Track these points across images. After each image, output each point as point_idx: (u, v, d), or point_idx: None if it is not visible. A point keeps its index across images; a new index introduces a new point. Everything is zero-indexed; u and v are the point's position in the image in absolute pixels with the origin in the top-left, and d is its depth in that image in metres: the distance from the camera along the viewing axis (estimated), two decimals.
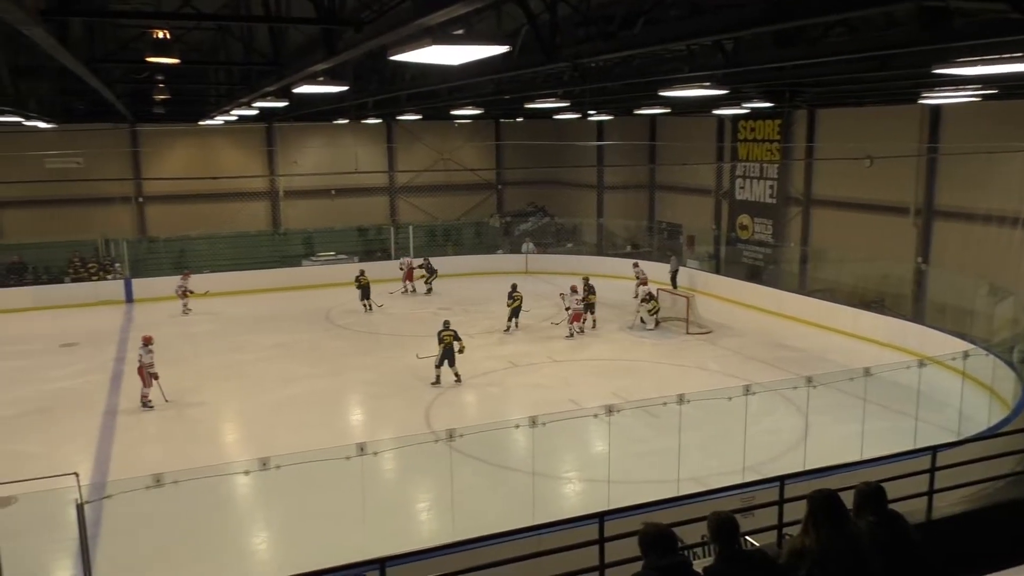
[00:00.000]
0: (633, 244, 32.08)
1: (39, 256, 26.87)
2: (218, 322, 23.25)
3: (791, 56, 10.16)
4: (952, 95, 15.76)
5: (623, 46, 8.85)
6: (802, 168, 25.52)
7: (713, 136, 29.31)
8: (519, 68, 10.74)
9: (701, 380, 16.78)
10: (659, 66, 12.67)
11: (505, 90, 15.76)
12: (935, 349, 15.89)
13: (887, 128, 22.02)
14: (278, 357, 19.36)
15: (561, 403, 14.65)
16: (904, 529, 4.70)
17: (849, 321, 20.44)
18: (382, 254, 30.33)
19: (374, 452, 9.31)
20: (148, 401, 15.64)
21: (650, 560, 4.19)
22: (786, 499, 6.51)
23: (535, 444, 10.81)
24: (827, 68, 12.27)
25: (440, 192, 34.12)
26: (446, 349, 16.59)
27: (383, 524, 10.12)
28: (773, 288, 23.89)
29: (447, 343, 16.62)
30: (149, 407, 15.57)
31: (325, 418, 15.22)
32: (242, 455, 12.84)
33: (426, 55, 5.77)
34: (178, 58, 10.37)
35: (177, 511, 10.05)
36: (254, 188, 31.33)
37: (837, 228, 24.44)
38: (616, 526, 6.10)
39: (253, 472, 9.03)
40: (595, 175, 33.67)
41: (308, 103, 17.72)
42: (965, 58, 8.61)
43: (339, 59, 8.16)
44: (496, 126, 34.70)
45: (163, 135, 29.57)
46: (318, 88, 11.10)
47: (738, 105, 20.51)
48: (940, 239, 21.36)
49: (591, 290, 21.86)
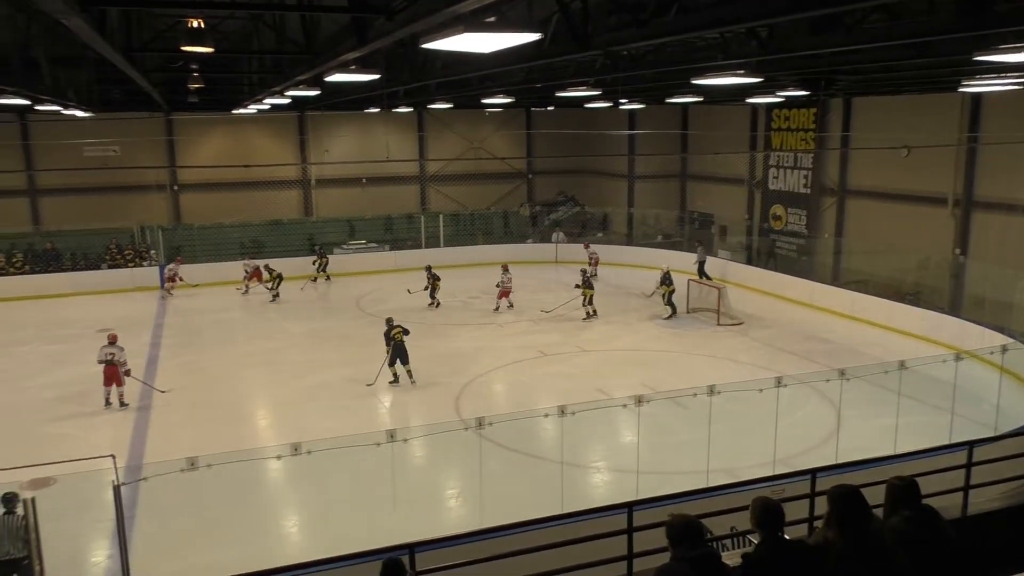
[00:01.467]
0: (664, 234, 31.86)
1: (77, 243, 27.39)
2: (250, 309, 23.55)
3: (827, 43, 9.98)
4: (993, 83, 15.40)
5: (656, 34, 8.76)
6: (837, 157, 25.14)
7: (746, 125, 28.96)
8: (550, 56, 10.68)
9: (732, 372, 16.65)
10: (692, 54, 12.55)
11: (536, 78, 15.69)
12: (972, 343, 15.60)
13: (925, 117, 21.60)
14: (309, 344, 19.56)
15: (590, 393, 14.63)
16: (939, 525, 4.63)
17: (883, 313, 20.12)
18: (412, 243, 30.45)
19: (404, 439, 9.37)
20: (123, 399, 15.17)
21: (678, 551, 4.16)
22: (818, 492, 6.44)
23: (564, 433, 10.81)
24: (864, 55, 12.06)
25: (470, 181, 34.13)
26: (396, 347, 16.15)
27: (412, 510, 10.20)
28: (806, 279, 23.58)
29: (398, 340, 16.18)
30: (125, 405, 15.07)
31: (355, 405, 15.36)
32: (274, 440, 13.01)
33: (458, 43, 5.76)
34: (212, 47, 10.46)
35: (211, 494, 10.22)
36: (286, 176, 31.62)
37: (872, 219, 24.05)
38: (645, 516, 6.09)
39: (285, 457, 9.14)
40: (626, 164, 33.46)
41: (340, 92, 17.79)
42: (1008, 44, 8.41)
43: (370, 47, 8.18)
44: (527, 114, 34.60)
45: (197, 123, 29.93)
46: (349, 76, 11.13)
47: (772, 93, 20.23)
48: (979, 230, 20.92)
49: (589, 284, 21.74)
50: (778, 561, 4.28)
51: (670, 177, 33.21)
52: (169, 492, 9.11)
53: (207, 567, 9.53)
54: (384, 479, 9.37)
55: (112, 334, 15.48)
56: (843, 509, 4.38)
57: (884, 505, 4.73)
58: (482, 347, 19.02)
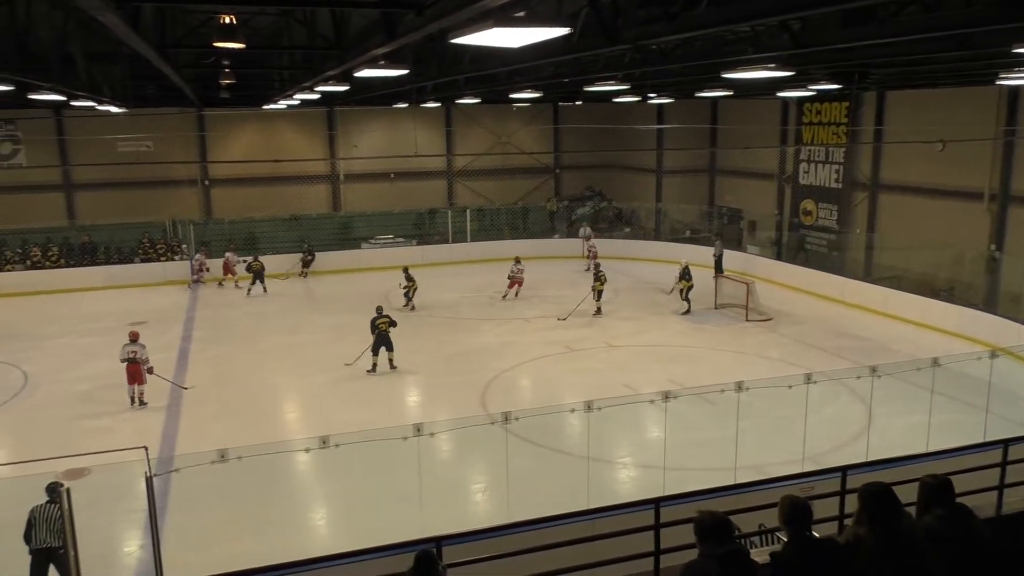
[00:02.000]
0: (692, 229, 31.63)
1: (111, 236, 27.85)
2: (282, 302, 23.79)
3: (861, 36, 9.82)
4: None
5: (686, 27, 8.67)
6: (869, 152, 24.78)
7: (777, 119, 28.63)
8: (579, 51, 10.65)
9: (760, 368, 16.51)
10: (722, 48, 12.40)
11: (564, 73, 15.64)
12: (1008, 340, 15.33)
13: (961, 110, 21.19)
14: (336, 338, 19.70)
15: (617, 388, 14.60)
16: (973, 524, 4.56)
17: (916, 310, 19.83)
18: (439, 238, 30.55)
19: (430, 433, 9.40)
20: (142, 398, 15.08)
21: (706, 548, 4.14)
22: (848, 490, 6.37)
23: (590, 429, 10.79)
24: (899, 48, 11.84)
25: (497, 176, 34.15)
26: (380, 336, 16.67)
27: (439, 504, 10.24)
28: (836, 275, 23.29)
29: (383, 331, 16.71)
30: (144, 404, 15.05)
31: (382, 399, 15.47)
32: (302, 433, 13.14)
33: (487, 38, 5.75)
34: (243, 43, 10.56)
35: (241, 486, 10.33)
36: (315, 171, 31.86)
37: (905, 214, 23.68)
38: (672, 512, 6.07)
39: (313, 450, 9.22)
40: (654, 159, 33.24)
41: (368, 87, 17.87)
42: None
43: (400, 42, 8.20)
44: (554, 109, 34.51)
45: (228, 119, 30.23)
46: (378, 72, 11.17)
47: (804, 87, 19.97)
48: (1016, 225, 20.50)
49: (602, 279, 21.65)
50: (807, 559, 4.24)
51: (699, 172, 32.95)
52: (200, 484, 9.25)
53: (237, 558, 9.62)
54: (411, 473, 9.42)
55: (134, 332, 15.58)
56: (874, 506, 4.33)
57: (917, 503, 4.67)
58: (508, 342, 19.04)
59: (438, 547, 5.61)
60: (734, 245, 27.97)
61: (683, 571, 4.19)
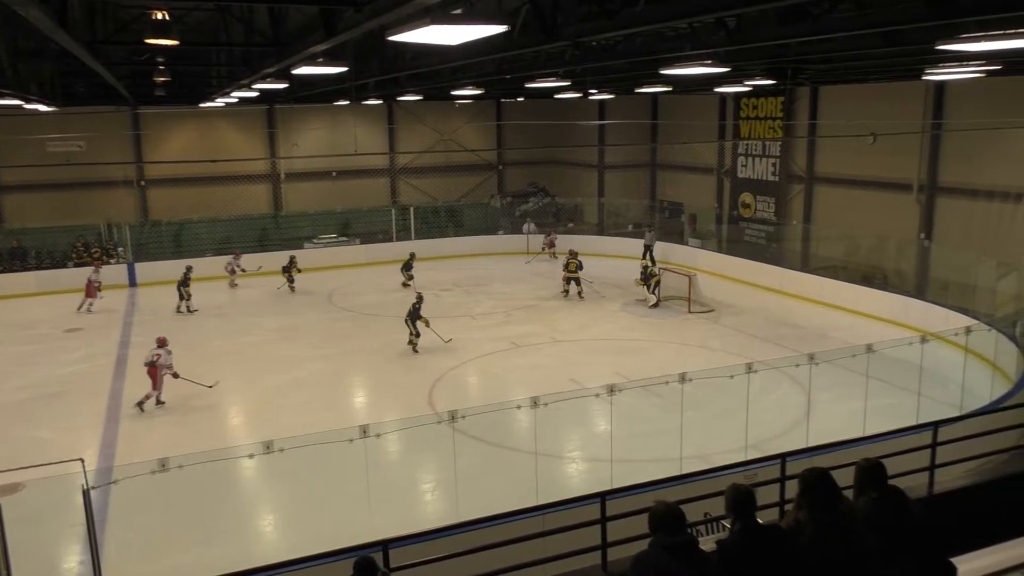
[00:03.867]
0: (634, 223, 32.00)
1: (42, 241, 26.89)
2: (223, 305, 23.30)
3: (795, 33, 10.05)
4: (956, 71, 15.64)
5: (625, 24, 8.77)
6: (804, 145, 25.41)
7: (715, 114, 29.15)
8: (520, 47, 10.65)
9: (704, 359, 16.81)
10: (661, 44, 12.56)
11: (506, 70, 15.64)
12: (938, 325, 15.88)
13: (891, 105, 21.89)
14: (282, 340, 19.42)
15: (563, 383, 14.70)
16: (905, 504, 4.72)
17: (851, 298, 20.41)
18: (383, 236, 30.29)
19: (377, 434, 9.34)
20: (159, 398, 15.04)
21: (657, 538, 4.20)
22: (788, 476, 6.54)
23: (538, 424, 10.85)
24: (832, 45, 12.15)
25: (441, 173, 34.02)
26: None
27: (387, 506, 10.19)
28: (775, 266, 23.82)
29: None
30: (160, 403, 15.01)
31: (329, 401, 15.29)
32: (247, 438, 12.89)
33: (425, 35, 5.73)
34: (178, 39, 10.30)
35: (184, 495, 10.13)
36: (255, 171, 31.28)
37: (839, 205, 24.37)
38: (618, 505, 6.14)
39: (257, 455, 9.08)
40: (596, 154, 33.53)
41: (308, 84, 17.62)
42: (969, 34, 8.54)
43: (338, 39, 8.10)
44: (497, 106, 34.53)
45: (164, 118, 29.48)
46: (318, 69, 11.05)
47: (740, 83, 20.36)
48: (943, 215, 21.30)
49: (579, 266, 22.03)
50: (752, 546, 4.34)
51: (640, 167, 33.35)
52: (141, 495, 9.02)
53: (180, 569, 9.46)
54: (358, 475, 9.34)
55: (161, 337, 15.38)
56: (813, 491, 4.46)
57: (853, 487, 4.83)
58: (454, 339, 19.01)
59: (384, 551, 5.57)
60: (676, 238, 28.41)
61: (633, 562, 4.25)
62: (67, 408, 14.98)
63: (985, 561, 5.26)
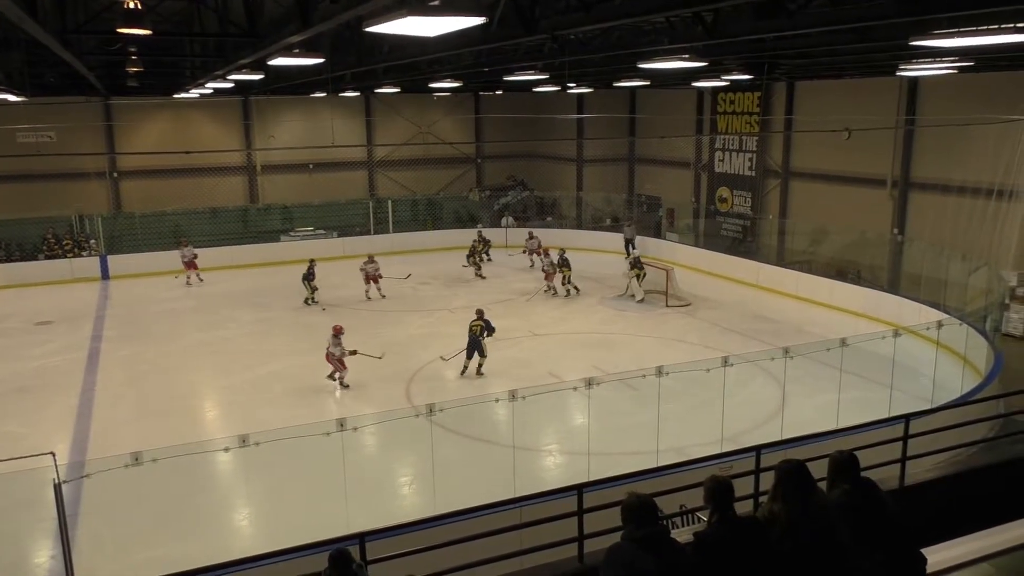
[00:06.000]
0: (613, 217, 32.09)
1: (12, 233, 26.45)
2: (199, 298, 23.08)
3: (771, 28, 10.12)
4: (930, 67, 15.83)
5: (602, 18, 8.79)
6: (780, 140, 25.61)
7: (693, 109, 29.28)
8: (497, 40, 10.63)
9: (680, 352, 16.90)
10: (639, 38, 12.60)
11: (484, 62, 15.61)
12: (910, 319, 16.10)
13: (865, 100, 22.11)
14: (259, 333, 19.28)
15: (541, 377, 14.72)
16: (878, 496, 4.78)
17: (826, 292, 20.63)
18: (361, 229, 30.14)
19: (354, 428, 9.31)
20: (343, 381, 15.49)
21: (628, 530, 4.22)
22: (763, 468, 6.59)
23: (516, 418, 10.86)
24: (807, 40, 12.26)
25: (419, 166, 33.90)
26: (472, 341, 15.92)
27: (364, 499, 10.16)
28: (752, 260, 24.03)
29: (475, 334, 15.88)
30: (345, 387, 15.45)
31: (307, 394, 15.20)
32: (223, 432, 12.80)
33: (402, 26, 5.70)
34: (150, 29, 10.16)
35: (158, 489, 10.03)
36: (231, 163, 30.97)
37: (815, 200, 24.60)
38: (595, 497, 6.17)
39: (233, 449, 9.01)
40: (574, 148, 33.58)
41: (285, 76, 17.47)
42: (942, 30, 8.64)
43: (314, 30, 8.04)
44: (475, 99, 34.45)
45: (137, 108, 29.08)
46: (294, 60, 10.95)
47: (717, 77, 20.48)
48: (916, 210, 21.57)
49: (566, 263, 21.99)
50: (729, 538, 4.38)
51: (618, 161, 33.44)
52: (114, 489, 8.93)
53: (155, 563, 9.37)
54: (335, 469, 9.31)
55: (337, 326, 15.67)
56: (788, 483, 4.49)
57: (826, 478, 4.88)
58: (432, 333, 18.97)
59: (361, 543, 5.56)
60: (654, 232, 28.54)
61: (606, 554, 4.26)
62: (38, 402, 14.78)
63: (955, 552, 5.33)
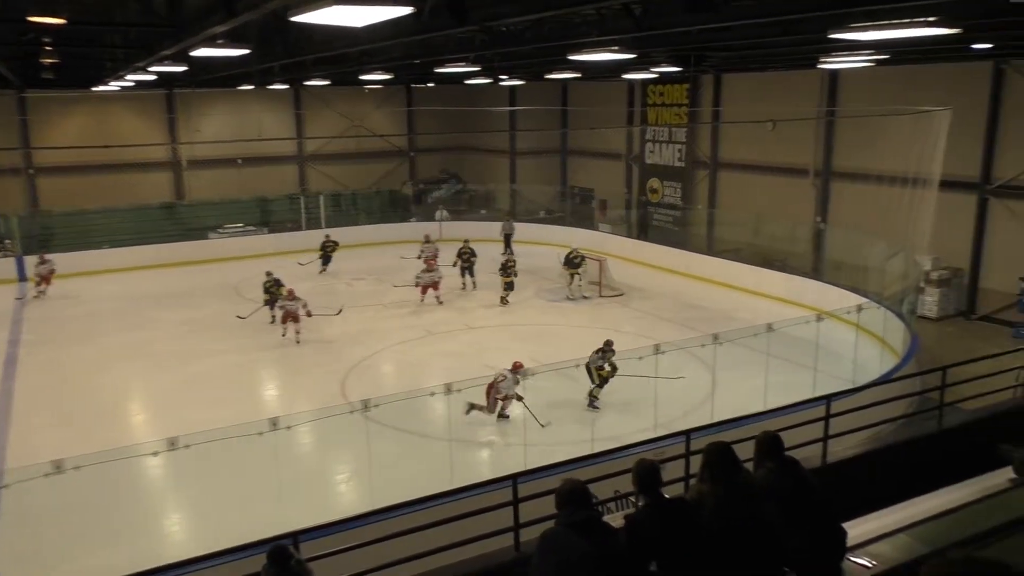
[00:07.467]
0: (546, 210, 32.28)
1: None
2: (122, 299, 22.31)
3: (698, 21, 10.31)
4: (848, 60, 16.38)
5: (532, 9, 8.82)
6: (709, 132, 26.14)
7: (624, 101, 29.65)
8: (428, 31, 10.55)
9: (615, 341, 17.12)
10: (569, 30, 12.68)
11: (415, 54, 15.49)
12: (832, 304, 16.65)
13: (789, 92, 22.76)
14: (187, 333, 18.77)
15: (478, 369, 14.69)
16: (801, 474, 4.96)
17: (754, 280, 21.18)
18: (292, 225, 29.59)
19: (287, 426, 9.18)
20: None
21: (562, 516, 4.28)
22: (693, 451, 6.75)
23: (452, 411, 10.87)
24: (732, 33, 12.53)
25: (351, 160, 33.47)
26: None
27: (299, 498, 10.02)
28: (683, 250, 24.49)
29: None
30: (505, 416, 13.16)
31: (238, 394, 14.89)
32: (151, 436, 12.39)
33: (329, 16, 5.63)
34: (66, 18, 9.78)
35: (83, 497, 9.69)
36: (155, 158, 30.04)
37: (742, 190, 25.21)
38: (530, 487, 6.22)
39: (162, 453, 8.78)
40: (508, 141, 33.64)
41: (210, 68, 17.01)
42: (859, 24, 8.96)
43: (239, 20, 7.85)
44: (407, 91, 34.17)
45: (54, 102, 27.94)
46: (218, 51, 10.68)
47: (647, 70, 20.77)
48: (837, 199, 22.32)
49: (472, 252, 21.91)
50: (658, 519, 4.48)
51: (551, 153, 33.64)
52: (36, 499, 8.60)
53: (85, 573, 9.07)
54: (269, 469, 9.16)
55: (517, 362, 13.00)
56: (714, 464, 4.63)
57: (753, 459, 5.04)
58: (367, 329, 18.79)
59: (295, 542, 5.49)
60: (587, 224, 28.81)
61: (540, 540, 4.31)
62: None
63: (874, 525, 5.57)
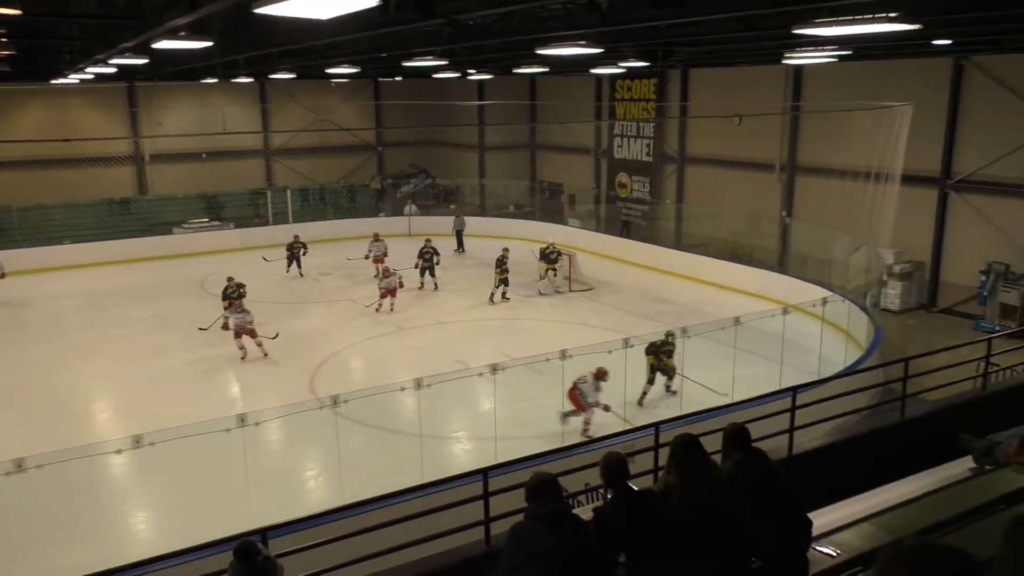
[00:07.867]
0: (516, 204, 32.29)
1: None
2: (85, 296, 21.91)
3: (664, 15, 10.37)
4: (812, 56, 16.60)
5: (499, 2, 8.81)
6: (676, 126, 26.32)
7: (591, 95, 29.73)
8: (394, 24, 10.50)
9: (584, 336, 17.17)
10: (537, 24, 12.68)
11: (382, 48, 15.39)
12: (798, 297, 16.88)
13: (755, 88, 22.99)
14: (152, 330, 18.49)
15: (448, 364, 14.68)
16: (768, 465, 5.02)
17: (721, 274, 21.39)
18: (259, 220, 29.25)
19: (255, 423, 9.09)
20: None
21: (532, 508, 4.29)
22: (661, 444, 6.82)
23: (422, 406, 10.84)
24: (698, 28, 12.62)
25: (318, 154, 33.17)
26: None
27: (268, 495, 9.94)
28: (651, 244, 24.65)
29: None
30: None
31: (205, 390, 14.71)
32: (117, 434, 12.20)
33: (292, 8, 5.57)
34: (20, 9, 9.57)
35: (47, 497, 9.52)
36: (116, 152, 29.46)
37: (710, 185, 25.43)
38: (500, 481, 6.23)
39: (127, 451, 8.65)
40: (476, 135, 33.56)
41: (173, 60, 16.74)
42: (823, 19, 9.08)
43: (202, 12, 7.75)
44: (375, 85, 33.93)
45: (10, 95, 27.29)
46: (180, 43, 10.51)
47: (614, 64, 20.84)
48: (802, 194, 22.61)
49: (434, 251, 21.71)
50: (626, 511, 4.51)
51: (520, 148, 33.65)
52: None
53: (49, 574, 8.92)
54: (237, 465, 9.06)
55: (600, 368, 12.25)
56: (681, 456, 4.67)
57: (721, 451, 5.09)
58: (336, 324, 18.68)
59: (263, 539, 5.44)
60: (556, 218, 28.88)
61: (509, 532, 4.32)
62: None
63: (838, 514, 5.67)
